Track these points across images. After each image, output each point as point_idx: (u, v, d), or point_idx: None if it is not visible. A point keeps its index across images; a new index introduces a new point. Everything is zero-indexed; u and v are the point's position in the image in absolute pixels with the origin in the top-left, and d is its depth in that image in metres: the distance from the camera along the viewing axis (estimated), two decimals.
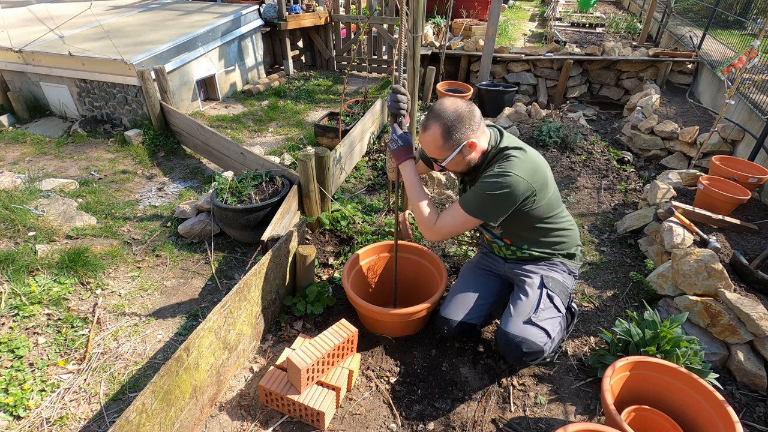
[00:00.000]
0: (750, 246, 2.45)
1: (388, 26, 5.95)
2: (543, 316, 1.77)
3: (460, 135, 1.60)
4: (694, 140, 3.90)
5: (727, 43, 5.21)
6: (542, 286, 1.84)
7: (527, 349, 1.71)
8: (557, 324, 1.80)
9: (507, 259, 2.01)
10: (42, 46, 4.45)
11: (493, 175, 1.60)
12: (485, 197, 1.60)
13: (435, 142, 1.63)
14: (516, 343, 1.72)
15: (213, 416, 1.83)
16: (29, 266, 2.54)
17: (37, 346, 2.15)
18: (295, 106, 5.39)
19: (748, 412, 1.88)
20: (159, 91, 4.10)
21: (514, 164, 1.59)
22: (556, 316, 1.80)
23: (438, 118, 1.60)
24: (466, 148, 1.63)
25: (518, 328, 1.73)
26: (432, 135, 1.62)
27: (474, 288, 2.01)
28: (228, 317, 1.82)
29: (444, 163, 1.67)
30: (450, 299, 2.00)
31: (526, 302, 1.81)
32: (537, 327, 1.74)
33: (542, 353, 1.75)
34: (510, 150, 1.64)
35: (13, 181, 3.43)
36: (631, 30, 8.11)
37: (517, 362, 1.86)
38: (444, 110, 1.59)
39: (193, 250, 2.92)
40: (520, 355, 1.74)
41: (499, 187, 1.57)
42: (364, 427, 1.81)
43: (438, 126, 1.60)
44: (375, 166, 3.91)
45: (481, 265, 2.11)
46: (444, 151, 1.64)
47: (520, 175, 1.58)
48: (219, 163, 3.81)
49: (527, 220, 1.75)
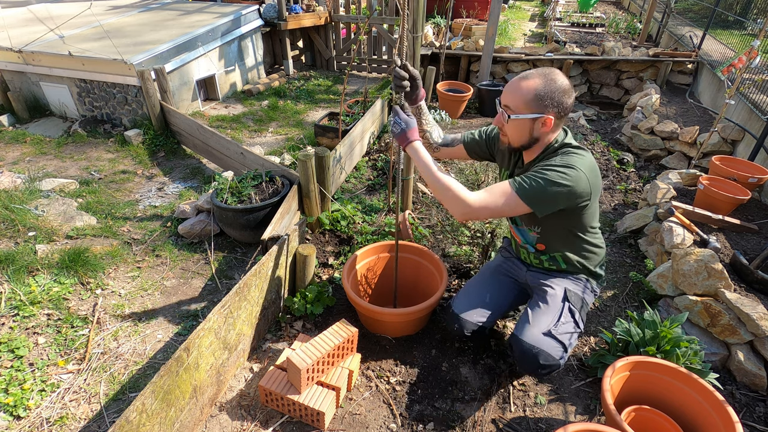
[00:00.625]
0: (750, 246, 2.45)
1: (388, 26, 5.95)
2: (563, 330, 1.70)
3: (549, 106, 1.50)
4: (694, 140, 3.90)
5: (727, 43, 5.21)
6: (565, 299, 1.76)
7: (544, 361, 1.65)
8: (574, 339, 1.74)
9: (531, 267, 1.93)
10: (42, 46, 4.45)
11: (557, 164, 1.50)
12: (546, 184, 1.47)
13: (527, 93, 1.50)
14: (533, 353, 1.65)
15: (213, 416, 1.83)
16: (29, 266, 2.54)
17: (37, 346, 2.15)
18: (295, 106, 5.39)
19: (748, 412, 1.88)
20: (159, 91, 4.10)
21: (579, 160, 1.52)
22: (575, 332, 1.74)
23: (543, 77, 1.50)
24: (541, 120, 1.52)
25: (536, 339, 1.66)
26: (527, 86, 1.50)
27: (492, 292, 1.95)
28: (228, 317, 1.82)
29: (514, 117, 1.54)
30: (465, 298, 1.95)
31: (546, 312, 1.73)
32: (555, 340, 1.67)
33: (558, 367, 1.69)
34: (574, 148, 1.57)
35: (13, 181, 3.43)
36: (631, 30, 8.11)
37: (531, 373, 1.83)
38: (553, 75, 1.50)
39: (193, 250, 2.92)
40: (536, 367, 1.68)
41: (561, 177, 1.47)
42: (364, 427, 1.81)
43: (539, 82, 1.49)
44: (375, 166, 3.91)
45: (502, 269, 2.04)
46: (526, 107, 1.51)
47: (585, 172, 1.50)
48: (219, 163, 3.81)
49: (570, 226, 1.68)
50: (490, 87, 5.19)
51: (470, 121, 5.15)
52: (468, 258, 2.73)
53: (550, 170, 1.49)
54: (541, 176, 1.49)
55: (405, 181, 2.87)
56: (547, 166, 1.51)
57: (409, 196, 2.99)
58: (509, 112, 1.55)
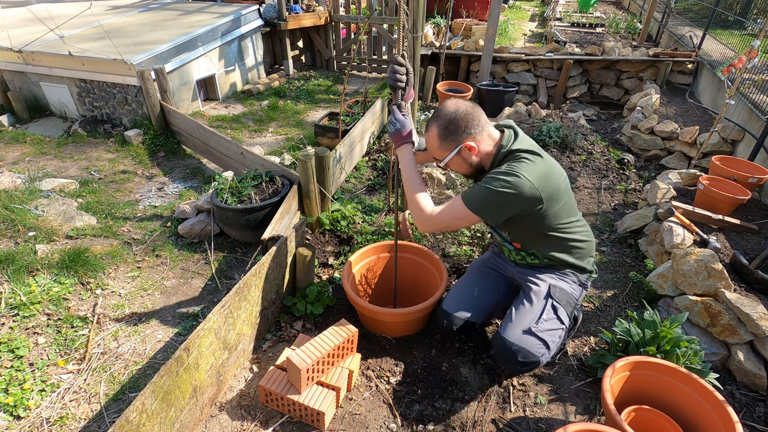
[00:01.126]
0: (750, 246, 2.46)
1: (388, 26, 5.96)
2: (544, 327, 1.73)
3: (458, 137, 1.59)
4: (694, 140, 3.90)
5: (727, 43, 5.21)
6: (548, 296, 1.79)
7: (522, 358, 1.69)
8: (557, 336, 1.76)
9: (517, 263, 1.97)
10: (42, 46, 4.45)
11: (499, 172, 1.55)
12: (488, 194, 1.54)
13: (433, 142, 1.65)
14: (513, 351, 1.69)
15: (213, 416, 1.83)
16: (29, 266, 2.54)
17: (37, 346, 2.15)
18: (295, 106, 5.39)
19: (748, 412, 1.88)
20: (159, 91, 4.10)
21: (523, 167, 1.54)
22: (558, 328, 1.76)
23: (437, 118, 1.62)
24: (464, 150, 1.61)
25: (516, 337, 1.70)
26: (431, 135, 1.65)
27: (479, 286, 1.99)
28: (228, 317, 1.82)
29: (443, 164, 1.68)
30: (454, 294, 1.99)
31: (528, 310, 1.76)
32: (536, 337, 1.70)
33: (537, 364, 1.73)
34: (522, 153, 1.59)
35: (13, 181, 3.43)
36: (631, 30, 8.11)
37: (510, 370, 1.85)
38: (443, 111, 1.61)
39: (193, 250, 2.92)
40: (515, 364, 1.72)
41: (502, 186, 1.51)
42: (364, 427, 1.81)
43: (436, 126, 1.62)
44: (375, 166, 3.91)
45: (490, 264, 2.08)
46: (442, 151, 1.65)
47: (528, 177, 1.51)
48: (219, 163, 3.81)
49: (536, 227, 1.70)
50: (490, 87, 5.19)
51: None
52: (468, 258, 2.73)
53: (494, 179, 1.55)
54: (485, 187, 1.55)
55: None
56: (492, 176, 1.58)
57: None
58: (439, 161, 1.70)
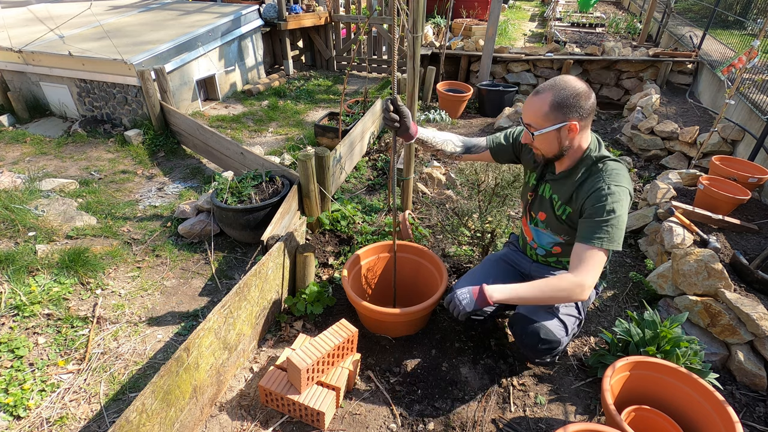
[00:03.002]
0: (750, 246, 2.45)
1: (388, 26, 5.96)
2: (564, 311, 1.76)
3: (569, 113, 1.49)
4: (694, 140, 3.90)
5: (727, 43, 5.21)
6: None
7: (545, 335, 1.68)
8: (575, 324, 1.79)
9: (538, 262, 1.96)
10: (42, 46, 4.45)
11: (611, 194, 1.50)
12: (619, 221, 1.49)
13: (542, 107, 1.51)
14: (534, 328, 1.69)
15: (213, 416, 1.83)
16: (29, 266, 2.54)
17: (37, 346, 2.15)
18: (295, 106, 5.39)
19: (748, 412, 1.88)
20: (159, 91, 4.10)
21: (623, 177, 1.54)
22: (575, 316, 1.80)
23: (554, 87, 1.50)
24: (566, 128, 1.51)
25: (538, 315, 1.72)
26: (541, 100, 1.51)
27: (496, 277, 1.96)
28: (228, 317, 1.82)
29: (537, 133, 1.54)
30: (467, 280, 1.96)
31: None
32: (558, 319, 1.73)
33: (558, 345, 1.72)
34: (612, 162, 1.57)
35: (13, 181, 3.43)
36: (631, 30, 8.11)
37: (530, 351, 1.79)
38: (564, 83, 1.50)
39: (193, 250, 2.92)
40: (536, 342, 1.70)
41: (622, 205, 1.50)
42: (364, 427, 1.81)
43: (551, 94, 1.49)
44: (375, 166, 3.91)
45: (508, 258, 2.07)
46: (546, 120, 1.52)
47: (627, 187, 1.53)
48: (219, 163, 3.81)
49: None
50: (490, 87, 5.19)
51: (470, 121, 5.15)
52: (468, 258, 2.73)
53: (609, 203, 1.48)
54: (609, 218, 1.49)
55: (405, 181, 2.87)
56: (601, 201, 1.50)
57: (409, 196, 2.99)
58: (532, 129, 1.56)
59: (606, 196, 1.50)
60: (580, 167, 1.60)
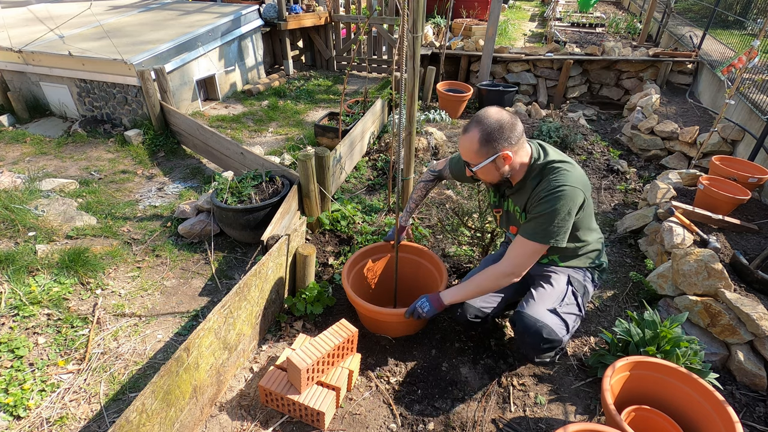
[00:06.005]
0: (750, 246, 2.45)
1: (388, 26, 5.95)
2: (566, 309, 1.79)
3: (497, 145, 1.59)
4: (694, 140, 3.90)
5: (727, 43, 5.21)
6: (569, 283, 1.86)
7: (547, 335, 1.71)
8: (576, 322, 1.82)
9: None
10: (42, 46, 4.45)
11: (549, 192, 1.60)
12: (552, 216, 1.59)
13: (472, 146, 1.62)
14: (537, 327, 1.72)
15: (213, 416, 1.83)
16: (29, 266, 2.54)
17: (37, 346, 2.15)
18: (295, 106, 5.39)
19: (748, 412, 1.88)
20: (159, 91, 4.10)
21: (568, 177, 1.61)
22: (576, 314, 1.82)
23: (479, 123, 1.60)
24: (500, 158, 1.61)
25: (541, 314, 1.74)
26: (470, 139, 1.61)
27: None
28: (228, 317, 1.82)
29: (475, 168, 1.66)
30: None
31: (551, 292, 1.82)
32: (559, 317, 1.76)
33: (560, 343, 1.76)
34: (557, 163, 1.65)
35: (13, 181, 3.43)
36: (631, 30, 8.11)
37: (532, 349, 1.83)
38: (487, 118, 1.60)
39: (193, 250, 2.92)
40: (538, 341, 1.73)
41: (563, 203, 1.58)
42: (364, 427, 1.82)
43: (477, 131, 1.59)
44: (375, 166, 3.91)
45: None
46: (479, 156, 1.63)
47: (576, 185, 1.60)
48: (219, 163, 3.81)
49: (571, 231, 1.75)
50: (490, 87, 5.19)
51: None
52: (468, 258, 2.73)
53: (546, 199, 1.59)
54: (541, 211, 1.61)
55: (405, 181, 2.87)
56: (542, 199, 1.61)
57: (409, 196, 2.99)
58: (472, 165, 1.68)
59: (545, 196, 1.60)
60: (530, 176, 1.69)
